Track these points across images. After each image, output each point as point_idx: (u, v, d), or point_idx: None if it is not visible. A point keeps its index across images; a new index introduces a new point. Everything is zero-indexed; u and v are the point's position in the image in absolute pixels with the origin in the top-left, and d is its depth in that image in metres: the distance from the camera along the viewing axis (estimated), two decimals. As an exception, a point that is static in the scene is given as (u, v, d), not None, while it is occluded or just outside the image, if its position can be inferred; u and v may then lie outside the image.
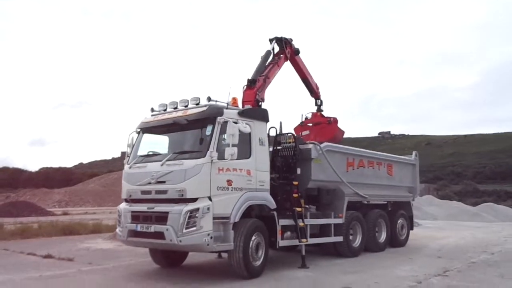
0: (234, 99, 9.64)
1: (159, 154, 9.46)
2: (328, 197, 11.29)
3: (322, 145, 11.18)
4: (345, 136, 14.32)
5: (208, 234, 8.24)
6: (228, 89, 9.42)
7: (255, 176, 9.28)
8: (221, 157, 8.54)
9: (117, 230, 9.63)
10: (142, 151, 9.85)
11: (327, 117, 14.18)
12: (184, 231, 8.19)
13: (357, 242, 12.07)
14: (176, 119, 9.08)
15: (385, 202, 13.78)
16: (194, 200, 8.36)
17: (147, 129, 9.88)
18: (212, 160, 8.46)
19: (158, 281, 8.91)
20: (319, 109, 14.36)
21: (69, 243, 14.70)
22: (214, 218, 8.39)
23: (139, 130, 9.99)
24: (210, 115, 8.81)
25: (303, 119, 14.25)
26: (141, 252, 11.32)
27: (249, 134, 9.30)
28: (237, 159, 8.92)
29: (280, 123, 11.52)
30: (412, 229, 14.82)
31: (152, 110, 10.01)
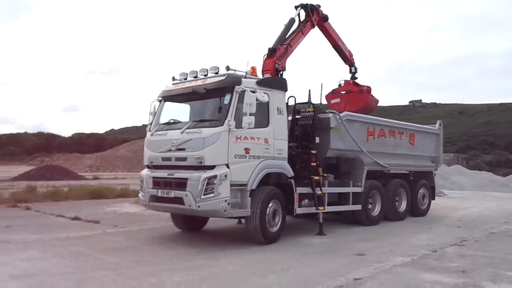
0: (253, 68, 9.69)
1: (180, 122, 9.66)
2: (347, 166, 11.37)
3: (341, 114, 11.21)
4: None
5: (226, 201, 8.47)
6: (247, 58, 9.49)
7: (273, 144, 9.41)
8: (238, 125, 8.70)
9: (140, 195, 9.97)
10: (164, 119, 10.08)
11: (360, 86, 14.13)
12: (203, 197, 8.45)
13: (376, 211, 12.19)
14: (195, 88, 9.23)
15: (407, 172, 13.77)
16: (212, 167, 8.58)
17: (168, 97, 10.07)
18: (229, 129, 8.62)
19: (178, 243, 9.27)
20: (353, 77, 14.32)
21: (97, 206, 15.25)
22: (231, 185, 8.61)
23: (160, 98, 10.19)
24: (228, 84, 8.92)
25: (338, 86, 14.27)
26: (164, 217, 11.68)
27: (267, 103, 9.39)
28: (255, 127, 9.05)
29: (309, 91, 11.35)
30: (433, 199, 14.83)
31: (173, 78, 10.17)
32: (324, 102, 11.84)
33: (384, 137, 12.64)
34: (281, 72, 10.99)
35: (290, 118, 10.68)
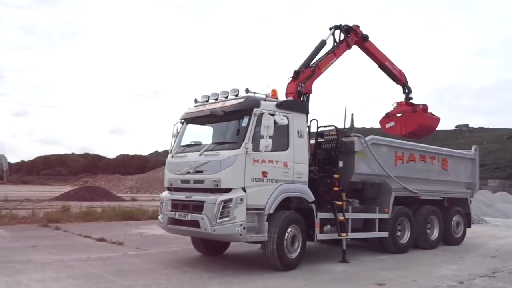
0: (274, 91, 9.61)
1: (200, 144, 9.63)
2: (372, 191, 11.02)
3: (367, 138, 10.91)
4: None
5: (241, 225, 8.31)
6: (268, 81, 9.41)
7: (292, 168, 9.23)
8: (256, 148, 8.57)
9: (159, 217, 9.95)
10: (186, 141, 10.08)
11: (413, 105, 13.78)
12: (218, 220, 8.32)
13: (405, 238, 11.71)
14: (213, 110, 9.20)
15: (440, 198, 13.23)
16: (228, 190, 8.47)
17: (190, 119, 10.08)
18: (247, 152, 8.50)
19: (194, 267, 9.12)
20: (408, 97, 13.99)
21: (125, 228, 15.37)
22: (248, 209, 8.46)
23: (182, 120, 10.22)
24: (247, 107, 8.84)
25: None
26: (187, 240, 11.52)
27: (287, 126, 9.26)
28: (274, 151, 8.92)
29: (352, 115, 11.24)
30: (469, 226, 14.15)
31: (196, 101, 10.19)
32: (351, 125, 11.55)
33: (414, 161, 12.21)
34: (307, 95, 10.87)
35: (313, 141, 10.52)
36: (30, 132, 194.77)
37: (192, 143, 9.86)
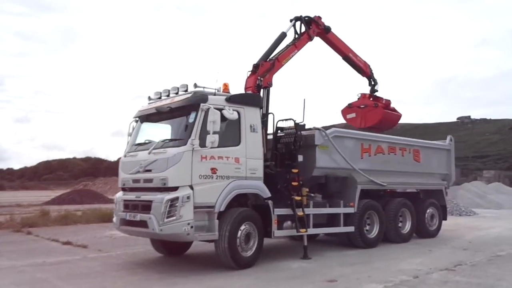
0: (225, 85, 9.37)
1: (150, 142, 9.39)
2: (336, 185, 10.75)
3: (328, 131, 10.64)
4: (420, 121, 13.84)
5: (188, 224, 8.07)
6: (217, 74, 9.19)
7: (245, 164, 8.98)
8: (204, 144, 8.34)
9: (113, 218, 9.73)
10: (141, 139, 9.84)
11: (376, 100, 13.57)
12: (165, 220, 8.08)
13: (374, 232, 11.44)
14: (158, 107, 9.01)
15: (412, 191, 12.96)
16: (176, 188, 8.24)
17: (143, 117, 9.84)
18: (193, 148, 8.27)
19: (148, 269, 8.91)
20: (373, 90, 13.82)
21: (99, 230, 15.17)
22: (197, 207, 8.23)
23: (136, 118, 10.00)
24: (193, 102, 8.61)
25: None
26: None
27: (238, 120, 9.02)
28: (225, 146, 8.74)
29: (304, 100, 10.72)
30: (445, 219, 13.83)
31: (149, 98, 9.96)
32: (308, 119, 11.26)
33: (382, 154, 11.92)
34: (267, 88, 10.63)
35: (272, 136, 10.30)
36: (33, 138, 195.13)
37: (146, 142, 9.63)
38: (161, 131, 9.78)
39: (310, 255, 9.87)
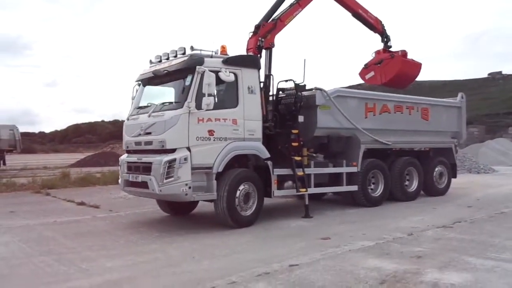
0: (223, 47, 9.38)
1: (151, 105, 9.54)
2: (339, 145, 10.80)
3: (330, 91, 10.60)
4: (449, 78, 13.61)
5: (186, 184, 8.30)
6: (214, 38, 9.20)
7: (243, 125, 9.09)
8: (200, 107, 8.47)
9: (119, 180, 10.04)
10: (144, 102, 10.00)
11: (391, 52, 13.34)
12: (165, 181, 8.33)
13: (379, 191, 11.51)
14: (155, 71, 9.12)
15: (420, 149, 12.90)
16: (174, 150, 8.44)
17: (144, 80, 9.98)
18: (190, 111, 8.41)
19: (150, 228, 9.22)
20: (386, 46, 13.58)
21: (114, 191, 15.53)
22: (194, 168, 8.43)
23: (139, 82, 10.14)
24: (189, 65, 8.69)
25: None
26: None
27: (236, 82, 9.08)
28: (222, 108, 8.89)
29: (304, 60, 10.62)
30: (454, 177, 13.77)
31: (150, 61, 10.06)
32: (309, 79, 11.19)
33: (388, 113, 11.83)
34: (269, 49, 10.60)
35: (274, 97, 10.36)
36: (63, 102, 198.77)
37: (148, 105, 9.80)
38: (164, 93, 9.94)
39: (313, 214, 10.05)
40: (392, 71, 12.93)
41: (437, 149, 13.36)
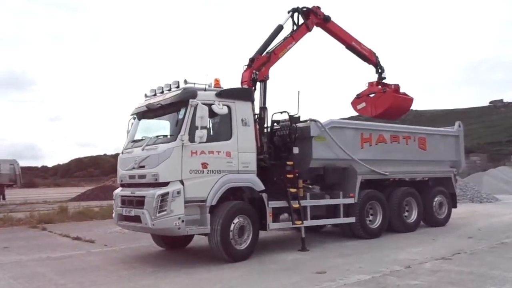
0: (217, 80, 9.42)
1: (146, 138, 9.51)
2: (335, 176, 10.71)
3: (324, 122, 10.57)
4: (450, 107, 13.82)
5: (179, 218, 8.20)
6: (207, 72, 9.25)
7: (237, 157, 9.04)
8: (193, 140, 8.44)
9: (113, 214, 9.94)
10: (139, 136, 9.98)
11: (385, 85, 13.40)
12: (158, 214, 8.25)
13: (377, 222, 11.34)
14: (149, 104, 9.18)
15: (421, 179, 12.81)
16: (167, 184, 8.37)
17: (139, 114, 9.99)
18: (183, 144, 8.39)
19: (144, 263, 9.09)
20: (380, 77, 13.64)
21: (112, 225, 15.28)
22: (188, 202, 8.35)
23: (133, 115, 10.16)
24: (182, 98, 8.71)
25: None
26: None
27: (229, 115, 9.08)
28: (216, 140, 8.89)
29: (298, 92, 10.64)
30: (455, 206, 13.60)
31: (145, 95, 10.10)
32: (303, 110, 11.17)
33: (384, 143, 11.78)
34: (264, 82, 10.64)
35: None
36: (66, 136, 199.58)
37: (142, 138, 9.78)
38: (160, 127, 9.93)
39: (310, 247, 9.90)
40: (383, 105, 12.97)
41: (436, 178, 13.24)
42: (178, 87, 9.13)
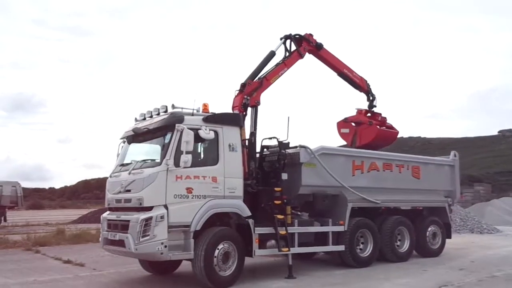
0: (205, 105, 9.49)
1: (133, 163, 9.55)
2: (324, 203, 10.64)
3: (314, 149, 10.57)
4: (459, 135, 13.51)
5: (162, 243, 8.18)
6: (195, 95, 9.33)
7: (223, 183, 9.04)
8: (178, 164, 8.46)
9: (100, 238, 9.93)
10: (128, 160, 10.02)
11: (372, 116, 13.42)
12: (141, 239, 8.24)
13: (367, 251, 11.20)
14: (135, 128, 9.24)
15: (411, 208, 12.68)
16: (151, 208, 8.37)
17: (129, 138, 10.05)
18: (168, 168, 8.41)
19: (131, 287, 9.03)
20: (371, 105, 13.63)
21: (105, 249, 15.40)
22: (172, 227, 8.35)
23: (122, 139, 10.22)
24: (168, 123, 8.78)
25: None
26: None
27: (216, 140, 9.12)
28: (202, 165, 8.91)
29: (288, 118, 10.69)
30: (449, 237, 13.39)
31: (135, 119, 10.18)
32: (295, 137, 11.20)
33: (376, 171, 11.73)
34: (255, 107, 10.70)
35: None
36: (75, 158, 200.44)
37: (130, 162, 9.82)
38: (149, 151, 9.97)
39: (297, 275, 9.80)
40: (365, 139, 12.86)
41: (430, 208, 13.11)
42: (166, 111, 9.22)
